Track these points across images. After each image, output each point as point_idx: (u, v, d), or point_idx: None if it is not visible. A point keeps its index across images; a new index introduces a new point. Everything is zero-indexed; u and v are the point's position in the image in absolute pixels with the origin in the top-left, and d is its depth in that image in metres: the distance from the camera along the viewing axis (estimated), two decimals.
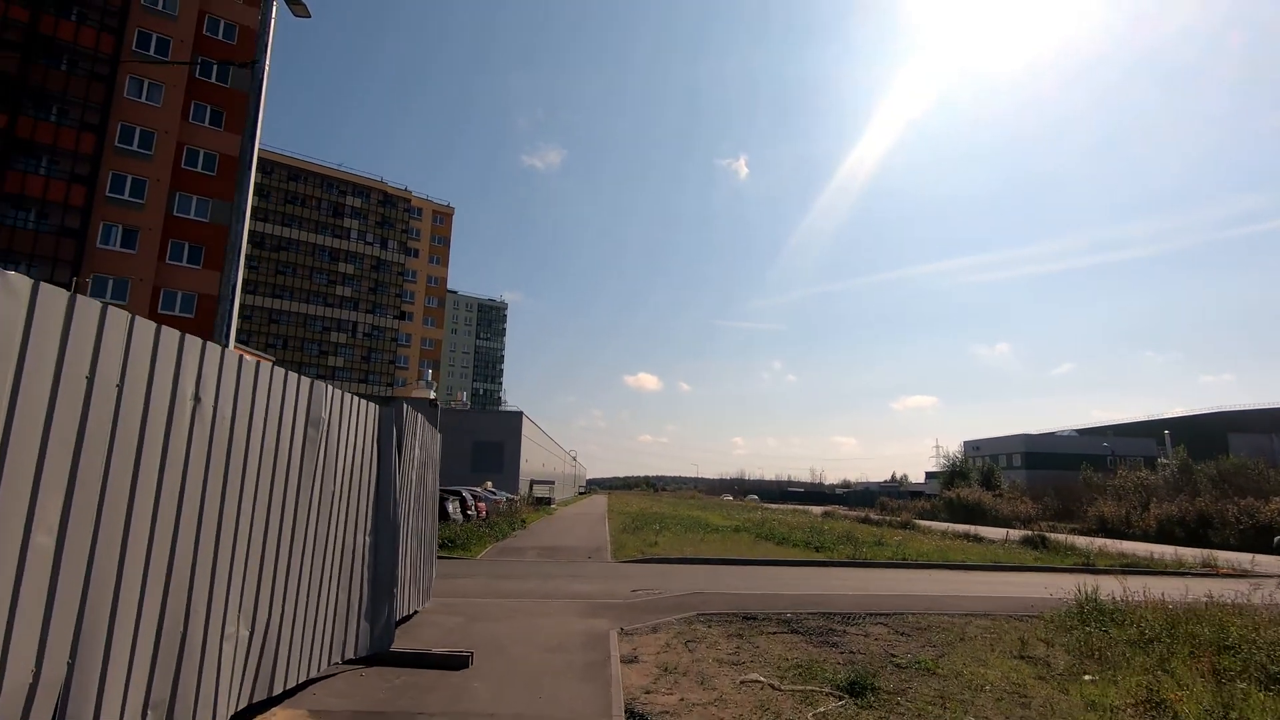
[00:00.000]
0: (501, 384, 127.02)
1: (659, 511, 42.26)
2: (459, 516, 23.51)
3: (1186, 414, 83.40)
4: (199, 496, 3.97)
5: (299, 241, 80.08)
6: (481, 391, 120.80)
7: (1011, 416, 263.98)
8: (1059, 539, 26.24)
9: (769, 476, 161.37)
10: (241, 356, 4.40)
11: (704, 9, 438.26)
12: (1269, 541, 29.56)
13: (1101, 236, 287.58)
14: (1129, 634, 8.26)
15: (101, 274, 33.92)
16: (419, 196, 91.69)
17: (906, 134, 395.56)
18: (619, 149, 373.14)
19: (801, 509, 62.05)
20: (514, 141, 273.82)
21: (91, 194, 33.78)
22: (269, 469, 4.72)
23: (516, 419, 51.09)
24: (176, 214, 36.28)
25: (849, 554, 19.41)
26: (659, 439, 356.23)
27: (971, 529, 34.51)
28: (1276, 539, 30.63)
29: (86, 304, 3.17)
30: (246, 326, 75.79)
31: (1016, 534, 28.93)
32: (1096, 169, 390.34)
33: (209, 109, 37.59)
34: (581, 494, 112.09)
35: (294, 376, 5.06)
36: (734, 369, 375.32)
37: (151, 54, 36.21)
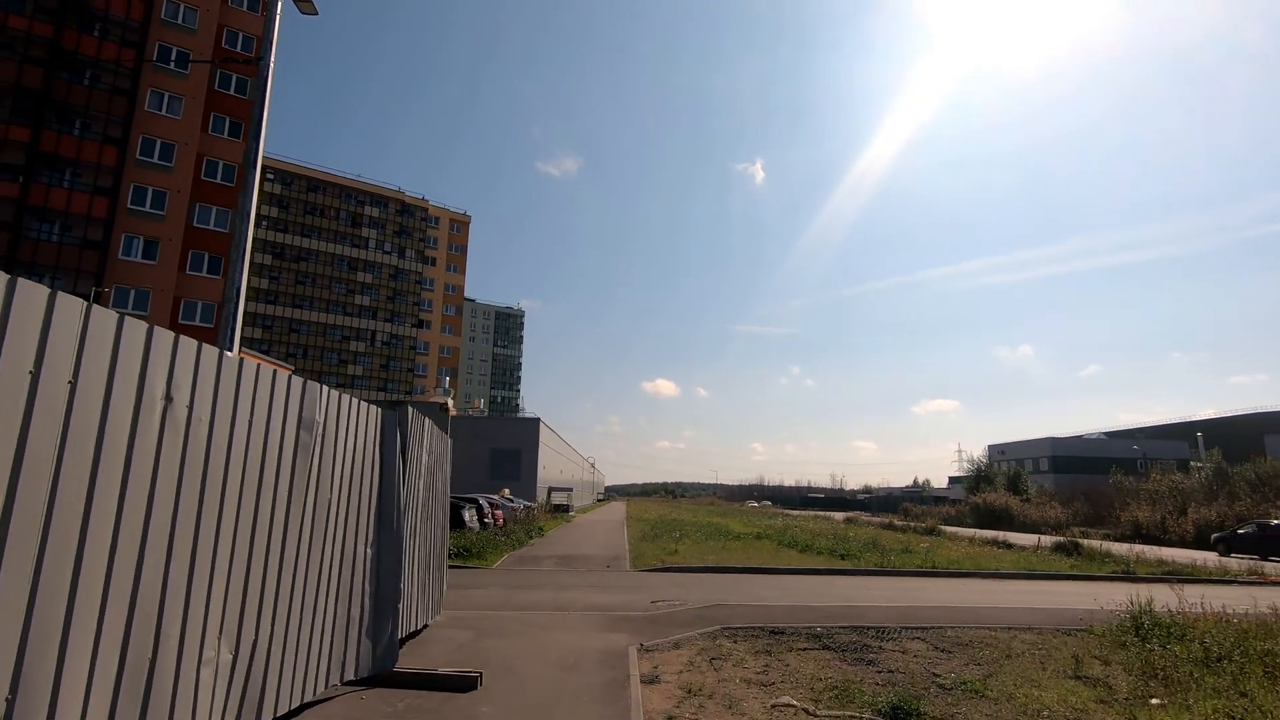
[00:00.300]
0: (519, 391, 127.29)
1: (678, 518, 41.64)
2: (475, 524, 23.16)
3: (1219, 416, 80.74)
4: (170, 507, 3.57)
5: (318, 252, 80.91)
6: (499, 399, 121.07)
7: (1035, 420, 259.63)
8: (1092, 545, 25.27)
9: (788, 482, 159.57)
10: (222, 353, 4.01)
11: (715, 11, 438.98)
12: None
13: (1126, 236, 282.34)
14: (1193, 651, 7.59)
15: (123, 285, 34.21)
16: (436, 205, 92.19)
17: (922, 135, 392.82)
18: (635, 155, 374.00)
19: (823, 515, 61.18)
20: (530, 149, 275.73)
21: (114, 206, 34.15)
22: (254, 476, 4.32)
23: (534, 426, 50.70)
24: (196, 225, 36.54)
25: (876, 562, 18.75)
26: (677, 445, 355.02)
27: (1000, 535, 33.64)
28: (1214, 536, 29.04)
29: (30, 288, 2.79)
30: (267, 336, 76.67)
31: (1047, 540, 27.98)
32: (1119, 168, 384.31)
33: (228, 120, 37.94)
34: (600, 501, 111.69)
35: (283, 375, 4.66)
36: (751, 374, 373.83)
37: (172, 67, 36.65)
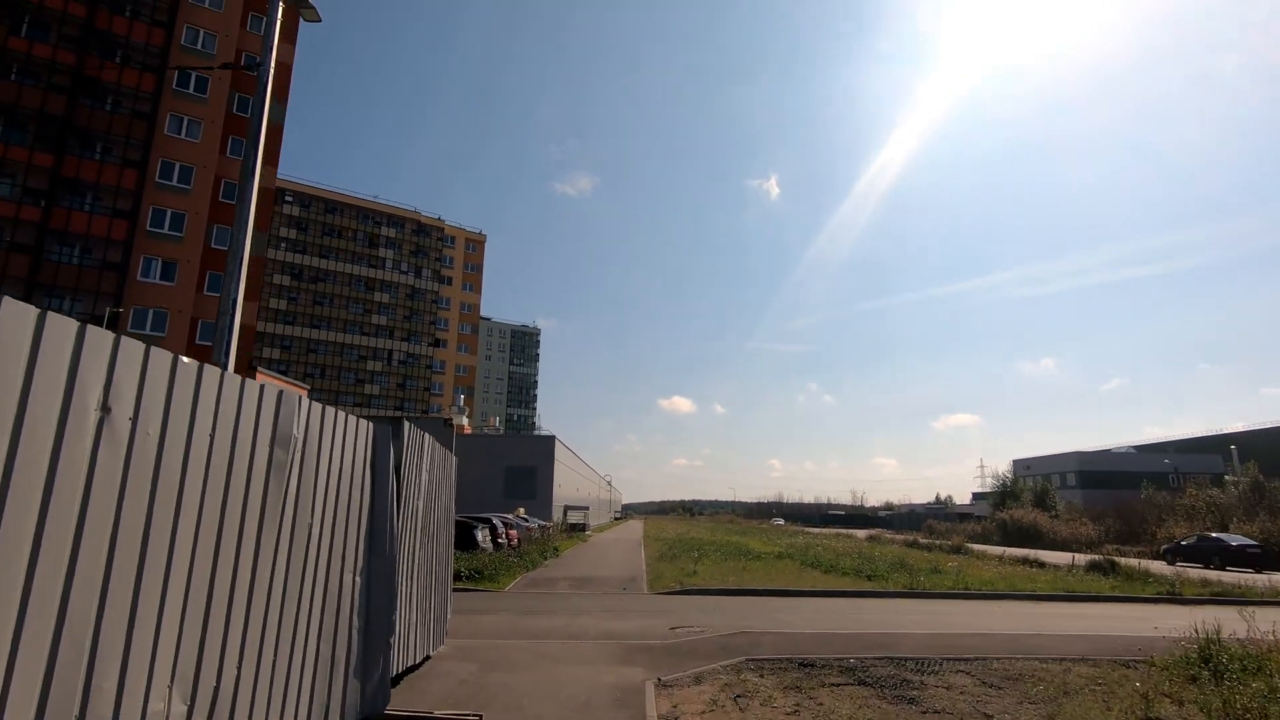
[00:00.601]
0: (535, 409, 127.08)
1: (696, 537, 40.73)
2: (488, 545, 22.58)
3: (1253, 428, 78.15)
4: (108, 533, 3.08)
5: (336, 272, 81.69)
6: (515, 417, 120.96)
7: (1059, 434, 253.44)
8: (1130, 564, 24.12)
9: (808, 499, 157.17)
10: (177, 357, 3.53)
11: (728, 29, 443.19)
12: None
13: (1149, 246, 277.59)
14: (1274, 686, 6.81)
15: (141, 306, 34.41)
16: (452, 225, 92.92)
17: (935, 147, 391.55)
18: (650, 173, 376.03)
19: (845, 533, 59.90)
20: (546, 169, 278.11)
21: (133, 228, 34.49)
22: (217, 498, 3.82)
23: (549, 443, 50.13)
24: (214, 246, 36.77)
25: (905, 583, 17.88)
26: (694, 463, 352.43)
27: (1030, 553, 32.39)
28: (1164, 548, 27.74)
29: None
30: (285, 356, 77.25)
31: (1081, 558, 26.78)
32: (1141, 177, 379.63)
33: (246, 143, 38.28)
34: (617, 519, 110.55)
35: (254, 384, 4.18)
36: (769, 391, 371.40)
37: (191, 92, 37.16)
